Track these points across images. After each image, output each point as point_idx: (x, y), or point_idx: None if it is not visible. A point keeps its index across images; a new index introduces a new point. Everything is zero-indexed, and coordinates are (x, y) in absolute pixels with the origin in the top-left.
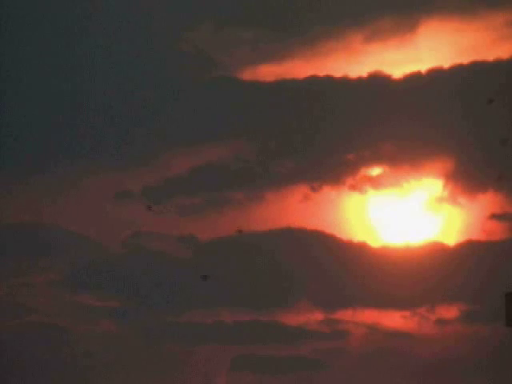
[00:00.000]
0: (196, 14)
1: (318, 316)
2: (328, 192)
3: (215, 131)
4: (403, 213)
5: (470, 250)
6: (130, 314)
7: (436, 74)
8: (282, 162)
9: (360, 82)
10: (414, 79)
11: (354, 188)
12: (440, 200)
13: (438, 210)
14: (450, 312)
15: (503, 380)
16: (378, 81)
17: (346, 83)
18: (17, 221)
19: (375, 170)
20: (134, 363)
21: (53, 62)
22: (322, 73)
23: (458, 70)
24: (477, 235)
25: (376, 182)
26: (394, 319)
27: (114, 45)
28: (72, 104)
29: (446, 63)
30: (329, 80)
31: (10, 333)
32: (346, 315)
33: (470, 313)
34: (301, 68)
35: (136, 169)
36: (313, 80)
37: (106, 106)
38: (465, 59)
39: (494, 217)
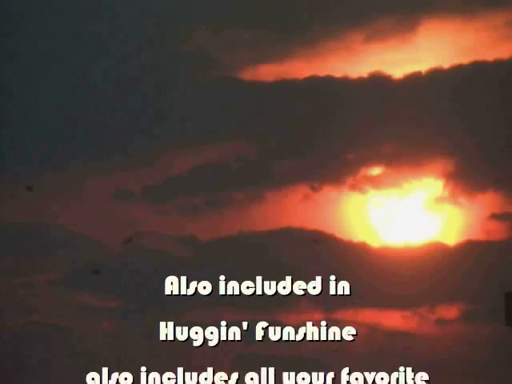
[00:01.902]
0: (196, 14)
1: (318, 316)
2: (328, 192)
3: (215, 131)
4: (403, 213)
5: (470, 250)
6: (131, 314)
7: (436, 74)
8: (281, 162)
9: (360, 82)
10: (413, 79)
11: (354, 188)
12: (440, 200)
13: (438, 210)
14: (449, 312)
15: (503, 380)
16: (378, 81)
17: (346, 83)
18: (17, 221)
19: (375, 170)
20: (134, 363)
21: (52, 63)
22: (322, 73)
23: (457, 70)
24: (477, 235)
25: (376, 182)
26: (394, 319)
27: (114, 45)
28: (72, 104)
29: (446, 63)
30: (329, 80)
31: (10, 333)
32: (346, 315)
33: (469, 313)
34: (301, 68)
35: (136, 169)
36: (313, 80)
37: (106, 106)
38: (465, 59)
39: (493, 217)
